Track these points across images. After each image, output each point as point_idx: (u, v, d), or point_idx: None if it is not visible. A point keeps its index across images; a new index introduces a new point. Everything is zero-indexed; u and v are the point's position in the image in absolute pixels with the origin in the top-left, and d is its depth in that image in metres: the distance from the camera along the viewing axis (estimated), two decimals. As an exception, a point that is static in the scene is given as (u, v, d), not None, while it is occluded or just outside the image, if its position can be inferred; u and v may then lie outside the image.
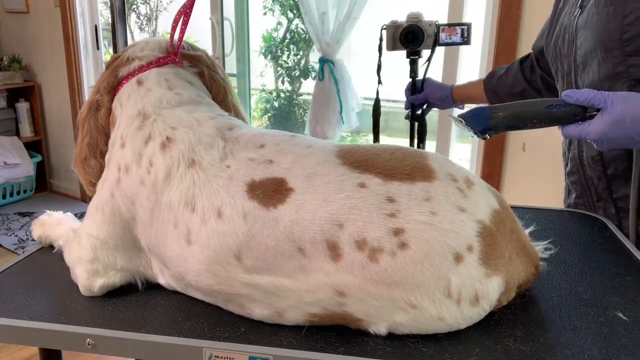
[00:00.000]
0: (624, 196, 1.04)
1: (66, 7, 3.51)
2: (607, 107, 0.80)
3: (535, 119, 0.85)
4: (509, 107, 0.87)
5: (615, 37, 0.93)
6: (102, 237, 0.81)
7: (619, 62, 0.94)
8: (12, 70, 3.80)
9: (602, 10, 0.95)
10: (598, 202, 1.11)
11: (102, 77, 0.91)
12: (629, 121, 0.79)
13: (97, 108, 0.90)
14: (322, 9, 2.56)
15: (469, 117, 0.88)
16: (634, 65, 0.93)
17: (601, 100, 0.81)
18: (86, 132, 0.91)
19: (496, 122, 0.86)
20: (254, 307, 0.72)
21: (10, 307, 0.78)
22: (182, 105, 0.84)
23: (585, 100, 0.82)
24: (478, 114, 0.87)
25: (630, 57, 0.93)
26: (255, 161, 0.74)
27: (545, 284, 0.82)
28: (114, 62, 0.92)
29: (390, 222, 0.66)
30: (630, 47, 0.92)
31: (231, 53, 3.18)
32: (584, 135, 0.83)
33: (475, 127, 0.87)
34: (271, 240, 0.68)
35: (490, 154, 2.22)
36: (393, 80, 1.68)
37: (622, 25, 0.92)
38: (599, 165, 1.05)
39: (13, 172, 3.70)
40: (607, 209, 1.09)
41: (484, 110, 0.87)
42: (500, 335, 0.70)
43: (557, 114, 0.84)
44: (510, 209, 0.77)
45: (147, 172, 0.77)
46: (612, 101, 0.80)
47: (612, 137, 0.81)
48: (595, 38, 0.97)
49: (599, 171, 1.06)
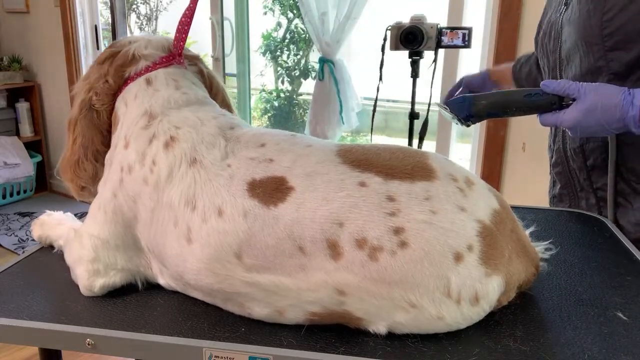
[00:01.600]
0: (603, 186, 1.08)
1: (66, 7, 3.51)
2: (581, 97, 0.87)
3: (515, 107, 0.91)
4: (491, 96, 0.94)
5: (595, 33, 0.96)
6: (103, 236, 0.81)
7: (599, 57, 0.98)
8: (12, 70, 3.80)
9: (584, 7, 0.98)
10: (581, 192, 1.15)
11: (99, 74, 0.88)
12: (600, 110, 0.86)
13: (90, 107, 0.87)
14: (322, 9, 2.56)
15: (453, 105, 0.94)
16: (613, 59, 0.97)
17: (575, 90, 0.88)
18: (79, 132, 0.87)
19: (478, 110, 0.93)
20: (254, 306, 0.72)
21: (10, 307, 0.78)
22: (189, 105, 0.83)
23: (561, 90, 0.88)
24: (461, 102, 0.94)
25: (610, 52, 0.96)
26: (255, 160, 0.74)
27: (545, 284, 0.82)
28: (113, 58, 0.88)
29: (390, 221, 0.66)
30: (609, 42, 0.96)
31: (231, 53, 3.18)
32: (559, 122, 0.90)
33: (458, 114, 0.93)
34: (271, 239, 0.68)
35: (490, 154, 2.22)
36: (393, 81, 1.69)
37: (601, 22, 0.95)
38: (580, 156, 1.10)
39: (13, 172, 3.70)
40: (588, 199, 1.13)
41: (467, 99, 0.94)
42: (500, 335, 0.70)
43: (535, 102, 0.90)
44: (510, 209, 0.77)
45: (150, 171, 0.77)
46: (585, 91, 0.87)
47: (585, 124, 0.87)
48: (577, 34, 1.00)
49: (580, 162, 1.10)
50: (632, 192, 1.04)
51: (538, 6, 2.00)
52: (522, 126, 2.14)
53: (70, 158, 0.88)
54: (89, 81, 0.88)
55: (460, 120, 0.94)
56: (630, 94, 0.86)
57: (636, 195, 1.04)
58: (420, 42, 1.36)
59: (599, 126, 0.87)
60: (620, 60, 0.96)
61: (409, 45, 1.37)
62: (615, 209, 1.07)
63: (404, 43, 1.37)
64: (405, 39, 1.36)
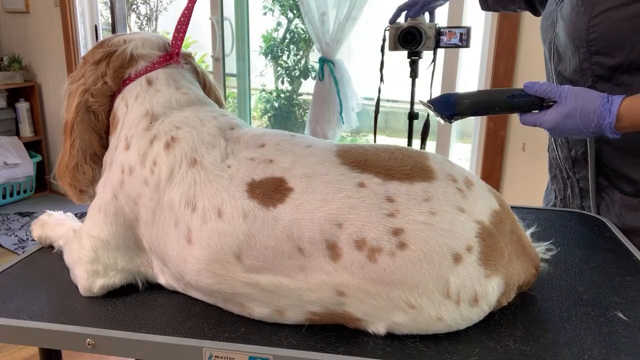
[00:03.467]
0: (583, 177, 1.12)
1: (66, 7, 3.51)
2: (562, 101, 0.90)
3: (497, 107, 0.94)
4: (474, 96, 0.96)
5: (582, 36, 0.98)
6: (103, 237, 0.81)
7: (585, 58, 0.99)
8: (12, 70, 3.80)
9: (575, 8, 1.00)
10: (567, 179, 1.18)
11: (96, 75, 0.86)
12: (579, 115, 0.89)
13: (87, 109, 0.85)
14: (322, 9, 2.56)
15: (437, 103, 0.96)
16: (597, 63, 0.98)
17: (557, 94, 0.90)
18: (76, 135, 0.85)
19: (462, 109, 0.95)
20: (254, 306, 0.72)
21: (10, 307, 0.78)
22: (190, 106, 0.83)
23: (543, 92, 0.91)
24: (446, 101, 0.95)
25: (595, 56, 0.98)
26: (255, 161, 0.74)
27: (545, 284, 0.82)
28: (110, 58, 0.86)
29: (389, 222, 0.66)
30: (594, 46, 0.97)
31: (231, 53, 3.18)
32: (538, 124, 0.93)
33: (443, 112, 0.95)
34: (271, 240, 0.68)
35: (490, 154, 2.22)
36: (393, 81, 1.69)
37: (588, 26, 0.96)
38: (565, 147, 1.13)
39: (13, 172, 3.70)
40: (573, 188, 1.17)
41: (451, 96, 0.96)
42: (500, 335, 0.70)
43: (516, 103, 0.93)
44: (510, 209, 0.77)
45: (150, 172, 0.77)
46: (566, 95, 0.90)
47: (564, 127, 0.91)
48: (567, 33, 1.02)
49: (565, 152, 1.14)
50: (610, 186, 1.07)
51: (538, 6, 2.00)
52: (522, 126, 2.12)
53: (68, 162, 0.86)
54: (84, 82, 0.86)
55: (443, 118, 0.96)
56: (609, 101, 0.87)
57: (614, 189, 1.07)
58: (419, 42, 1.37)
59: (577, 130, 0.90)
60: (604, 65, 0.97)
61: (408, 46, 1.38)
62: (598, 204, 1.10)
63: (403, 43, 1.37)
64: (403, 39, 1.37)
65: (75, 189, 0.88)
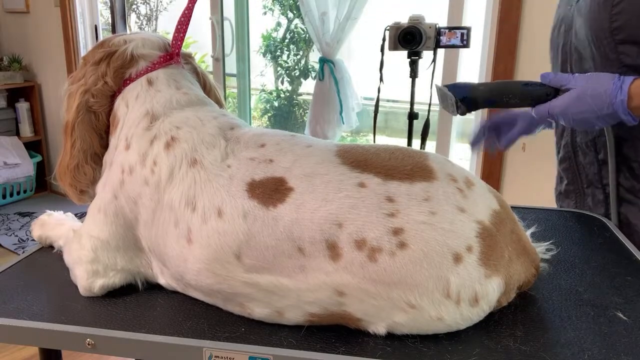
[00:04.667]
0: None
1: (66, 7, 3.51)
2: (573, 85, 0.89)
3: (512, 94, 0.95)
4: (490, 84, 0.98)
5: (605, 27, 0.96)
6: (103, 237, 0.81)
7: (610, 49, 0.98)
8: (12, 70, 3.80)
9: (594, 1, 0.98)
10: (588, 188, 1.14)
11: (96, 75, 0.86)
12: (589, 96, 0.87)
13: (87, 109, 0.85)
14: (322, 9, 2.56)
15: (453, 87, 0.98)
16: (624, 52, 0.97)
17: (569, 80, 0.90)
18: (77, 135, 0.85)
19: (476, 94, 0.96)
20: (254, 307, 0.72)
21: (10, 307, 0.78)
22: (190, 106, 0.83)
23: (557, 82, 0.91)
24: (462, 86, 0.97)
25: (620, 45, 0.96)
26: (255, 160, 0.74)
27: (545, 284, 0.82)
28: (110, 58, 0.87)
29: (389, 221, 0.66)
30: (619, 35, 0.95)
31: (231, 53, 3.18)
32: (550, 109, 0.91)
33: (456, 94, 0.96)
34: (271, 240, 0.68)
35: (490, 154, 2.22)
36: (393, 81, 1.69)
37: (610, 15, 0.95)
38: (592, 150, 1.09)
39: (13, 172, 3.70)
40: (595, 196, 1.13)
41: (467, 84, 0.98)
42: (500, 335, 0.70)
43: (531, 92, 0.93)
44: (510, 209, 0.77)
45: (151, 171, 0.77)
46: (576, 79, 0.90)
47: (575, 111, 0.89)
48: (587, 26, 1.00)
49: (591, 157, 1.10)
50: None
51: (538, 6, 2.00)
52: (522, 126, 2.13)
53: (69, 162, 0.86)
54: (85, 82, 0.86)
55: (455, 103, 0.97)
56: (620, 79, 0.86)
57: None
58: (419, 42, 1.37)
59: (591, 112, 0.88)
60: (631, 54, 0.95)
61: (408, 46, 1.38)
62: (619, 207, 1.07)
63: (403, 43, 1.37)
64: (403, 39, 1.37)
65: (75, 190, 0.88)
